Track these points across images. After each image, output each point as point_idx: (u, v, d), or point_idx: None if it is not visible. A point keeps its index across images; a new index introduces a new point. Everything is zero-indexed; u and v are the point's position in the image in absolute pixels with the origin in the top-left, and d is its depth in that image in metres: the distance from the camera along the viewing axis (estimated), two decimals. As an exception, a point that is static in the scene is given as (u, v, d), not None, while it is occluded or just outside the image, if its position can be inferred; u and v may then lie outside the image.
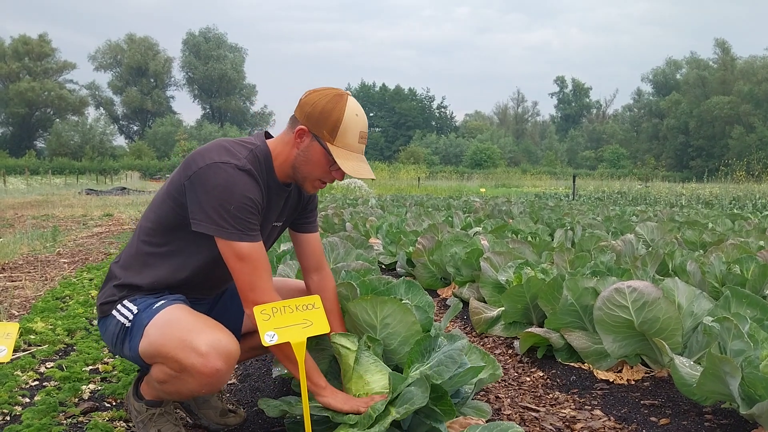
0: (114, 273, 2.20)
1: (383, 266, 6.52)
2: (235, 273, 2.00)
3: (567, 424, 2.53)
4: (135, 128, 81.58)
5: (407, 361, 2.18)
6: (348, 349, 2.13)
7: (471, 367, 2.21)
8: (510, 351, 3.65)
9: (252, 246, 1.99)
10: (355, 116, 2.03)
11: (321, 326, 2.00)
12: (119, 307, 2.10)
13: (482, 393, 2.90)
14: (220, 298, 2.41)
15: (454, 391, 2.25)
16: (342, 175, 2.09)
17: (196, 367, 1.87)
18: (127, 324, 2.05)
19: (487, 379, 2.44)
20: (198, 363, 1.86)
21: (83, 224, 11.52)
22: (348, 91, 2.09)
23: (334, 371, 2.44)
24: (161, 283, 2.13)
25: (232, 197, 1.95)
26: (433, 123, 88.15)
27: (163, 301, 2.05)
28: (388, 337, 2.26)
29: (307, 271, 2.39)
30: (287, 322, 1.95)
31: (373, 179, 2.16)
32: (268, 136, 2.20)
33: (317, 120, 2.02)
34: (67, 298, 4.72)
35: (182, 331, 1.91)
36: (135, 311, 2.05)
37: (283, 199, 2.24)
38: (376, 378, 2.11)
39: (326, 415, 2.07)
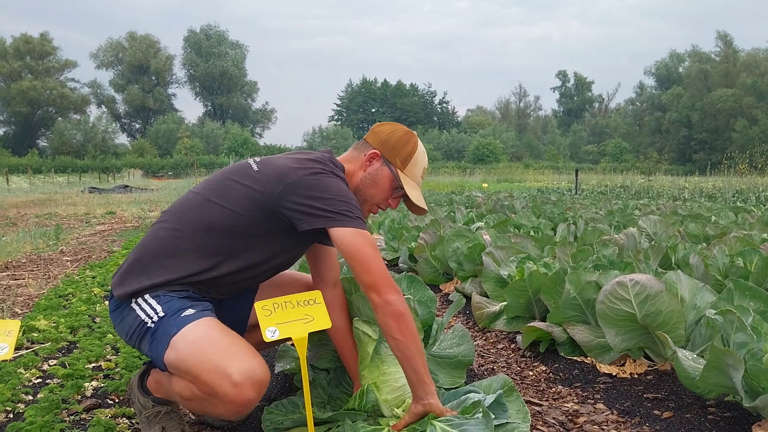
0: (141, 260, 2.10)
1: (386, 262, 6.52)
2: (361, 265, 1.97)
3: (570, 417, 2.53)
4: (137, 126, 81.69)
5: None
6: (369, 336, 2.14)
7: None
8: (512, 345, 3.64)
9: (367, 234, 2.03)
10: (423, 153, 2.28)
11: (322, 321, 1.98)
12: (140, 301, 2.02)
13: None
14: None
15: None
16: (397, 204, 2.27)
17: (228, 396, 1.82)
18: (150, 324, 1.97)
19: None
20: (231, 392, 1.81)
21: (86, 222, 11.54)
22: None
23: (339, 367, 2.44)
24: (200, 276, 2.07)
25: (344, 191, 2.05)
26: (435, 118, 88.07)
27: (191, 310, 1.96)
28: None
29: (326, 284, 2.35)
30: (289, 317, 1.94)
31: (425, 211, 2.28)
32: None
33: (392, 147, 2.21)
34: (70, 296, 4.72)
35: (215, 354, 1.84)
36: (160, 313, 1.97)
37: None
38: (392, 370, 2.12)
39: (327, 417, 2.08)
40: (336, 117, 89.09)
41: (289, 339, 1.97)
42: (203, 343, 1.87)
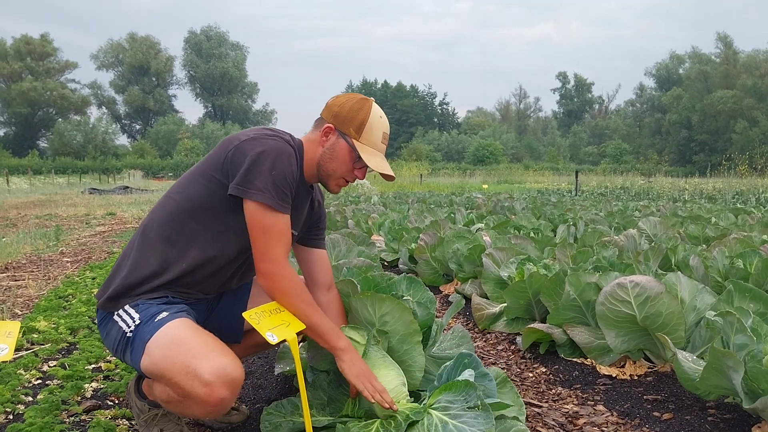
0: (120, 265, 2.15)
1: (385, 263, 6.52)
2: (255, 241, 2.01)
3: (570, 419, 2.53)
4: (137, 127, 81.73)
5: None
6: (357, 342, 2.14)
7: None
8: (512, 347, 3.64)
9: (281, 217, 2.01)
10: (379, 117, 2.19)
11: (296, 324, 2.03)
12: (120, 312, 2.04)
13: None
14: (221, 298, 2.37)
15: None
16: (363, 174, 2.19)
17: (200, 396, 1.81)
18: (128, 333, 1.98)
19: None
20: (202, 392, 1.80)
21: (86, 223, 11.54)
22: (372, 99, 2.22)
23: (344, 381, 2.44)
24: (171, 270, 2.08)
25: (277, 164, 1.99)
26: (435, 120, 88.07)
27: (165, 313, 1.97)
28: (387, 335, 2.25)
29: (320, 288, 2.35)
30: (275, 323, 1.99)
31: (392, 177, 2.23)
32: None
33: (345, 118, 2.16)
34: (70, 297, 4.72)
35: (186, 355, 1.83)
36: (137, 320, 1.98)
37: (305, 204, 2.28)
38: (383, 373, 2.10)
39: (323, 425, 2.09)
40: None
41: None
42: (174, 346, 1.87)
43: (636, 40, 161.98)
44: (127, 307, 2.05)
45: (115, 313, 2.06)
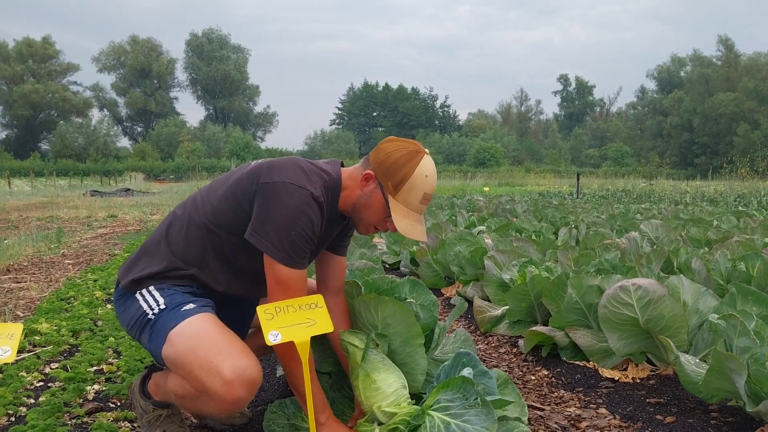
0: (148, 249, 2.16)
1: (387, 265, 6.52)
2: (271, 291, 2.00)
3: (572, 422, 2.52)
4: (139, 129, 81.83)
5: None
6: (356, 346, 2.12)
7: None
8: (514, 350, 3.64)
9: (296, 273, 1.99)
10: (424, 177, 2.05)
11: (324, 325, 1.98)
12: (144, 292, 2.06)
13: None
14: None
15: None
16: (394, 229, 2.09)
17: (218, 393, 1.83)
18: (150, 315, 2.00)
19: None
20: (221, 390, 1.82)
21: (88, 225, 11.55)
22: (426, 150, 2.10)
23: (341, 371, 2.44)
24: (199, 270, 2.10)
25: (298, 225, 1.94)
26: (437, 122, 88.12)
27: (191, 305, 1.99)
28: (389, 337, 2.25)
29: (329, 291, 2.34)
30: (291, 321, 1.93)
31: (424, 242, 2.18)
32: (342, 165, 2.22)
33: (387, 170, 2.04)
34: (72, 299, 4.72)
35: (209, 351, 1.86)
36: (162, 305, 2.00)
37: (337, 229, 2.25)
38: (383, 377, 2.09)
39: None
40: (337, 121, 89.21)
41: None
42: (199, 339, 1.89)
43: (637, 43, 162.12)
44: (151, 288, 2.06)
45: (138, 291, 2.08)
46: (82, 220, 12.93)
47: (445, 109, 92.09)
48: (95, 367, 3.09)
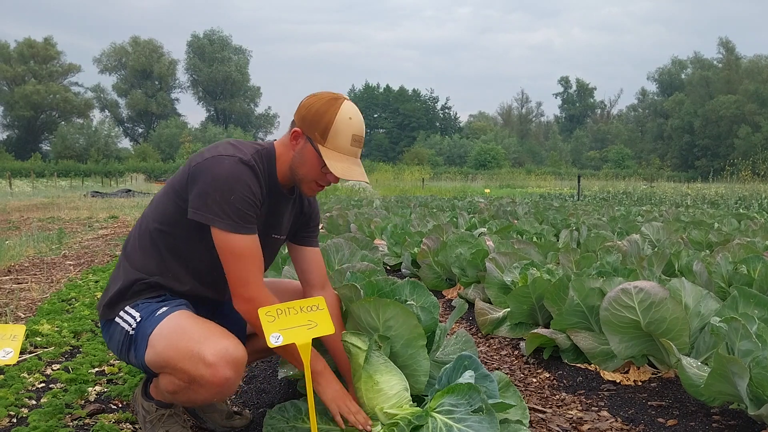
0: (114, 276, 2.20)
1: (388, 267, 6.52)
2: (228, 266, 2.01)
3: (574, 425, 2.52)
4: (140, 130, 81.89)
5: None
6: (358, 348, 2.12)
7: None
8: (516, 352, 3.63)
9: (248, 239, 2.00)
10: (348, 119, 2.05)
11: (326, 327, 2.00)
12: (122, 314, 2.10)
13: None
14: (222, 301, 2.38)
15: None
16: (336, 178, 2.09)
17: (205, 378, 1.86)
18: (131, 331, 2.04)
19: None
20: (207, 374, 1.86)
21: (89, 226, 11.55)
22: (346, 96, 2.10)
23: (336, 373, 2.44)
24: (160, 275, 2.12)
25: (234, 188, 1.97)
26: (437, 124, 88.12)
27: (165, 308, 2.03)
28: (391, 340, 2.25)
29: (312, 287, 2.36)
30: (292, 323, 1.95)
31: (367, 183, 2.18)
32: None
33: (310, 122, 2.06)
34: (73, 300, 4.72)
35: (189, 341, 1.89)
36: (138, 318, 2.04)
37: (286, 208, 2.25)
38: (385, 378, 2.09)
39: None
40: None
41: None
42: (176, 334, 1.93)
43: (638, 46, 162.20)
44: (127, 308, 2.10)
45: (116, 316, 2.11)
46: (83, 221, 12.94)
47: (446, 110, 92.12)
48: (97, 369, 3.09)
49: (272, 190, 2.15)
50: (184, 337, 1.91)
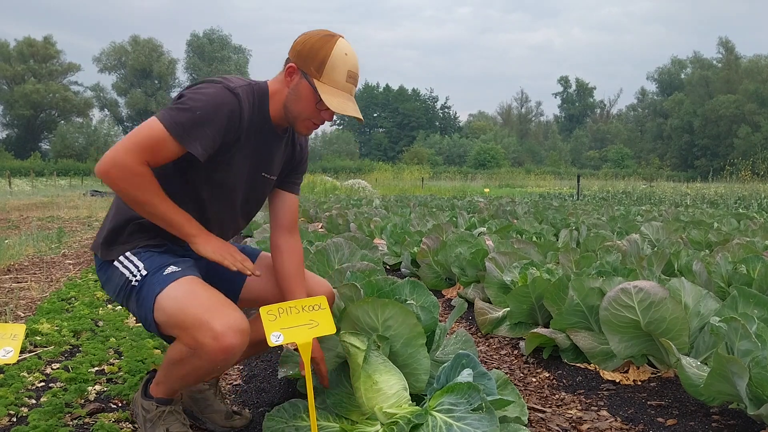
0: (111, 211, 2.20)
1: (388, 267, 6.52)
2: (128, 137, 1.96)
3: (573, 424, 2.52)
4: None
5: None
6: (357, 348, 2.12)
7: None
8: (515, 351, 3.64)
9: (167, 134, 1.92)
10: (343, 55, 2.06)
11: (327, 327, 2.00)
12: (122, 259, 2.11)
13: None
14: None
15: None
16: (330, 115, 2.10)
17: (211, 346, 1.89)
18: (134, 282, 2.05)
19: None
20: (213, 342, 1.88)
21: (88, 225, 11.55)
22: (342, 35, 2.10)
23: (338, 369, 2.44)
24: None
25: (207, 108, 1.96)
26: (437, 123, 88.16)
27: (173, 267, 2.04)
28: (390, 339, 2.25)
29: (280, 229, 2.37)
30: (293, 322, 1.95)
31: (360, 120, 2.16)
32: None
33: (306, 57, 2.05)
34: (73, 299, 4.72)
35: (199, 308, 1.91)
36: (143, 271, 2.05)
37: (278, 148, 2.25)
38: (384, 378, 2.10)
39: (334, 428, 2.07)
40: (338, 121, 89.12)
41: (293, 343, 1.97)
42: (186, 300, 1.94)
43: (637, 45, 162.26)
44: (128, 254, 2.11)
45: (115, 260, 2.12)
46: (83, 220, 12.94)
47: (446, 110, 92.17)
48: (96, 368, 3.09)
49: (263, 128, 2.15)
50: (195, 302, 1.93)
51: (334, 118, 2.27)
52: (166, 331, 2.02)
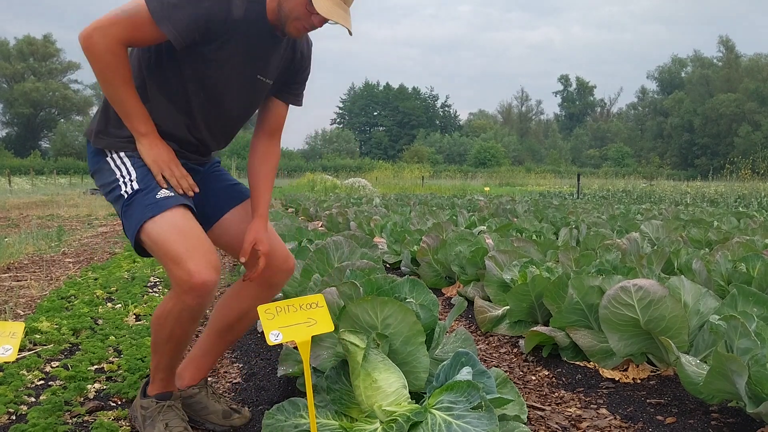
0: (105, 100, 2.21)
1: (387, 265, 6.52)
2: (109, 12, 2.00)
3: (573, 423, 2.53)
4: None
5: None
6: (356, 346, 2.12)
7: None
8: (515, 350, 3.64)
9: (147, 15, 1.95)
10: None
11: (325, 325, 2.01)
12: (114, 157, 2.13)
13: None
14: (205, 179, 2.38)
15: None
16: (320, 21, 2.07)
17: (187, 281, 1.94)
18: (123, 192, 2.06)
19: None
20: (187, 277, 1.93)
21: (88, 224, 11.55)
22: None
23: (338, 365, 2.44)
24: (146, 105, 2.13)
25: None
26: (437, 122, 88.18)
27: (165, 192, 2.05)
28: (390, 337, 2.25)
29: (262, 133, 2.39)
30: (292, 321, 1.96)
31: (350, 32, 2.12)
32: None
33: None
34: (72, 297, 4.72)
35: (180, 247, 1.95)
36: (135, 184, 2.06)
37: (275, 50, 2.23)
38: (383, 376, 2.10)
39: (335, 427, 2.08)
40: (338, 120, 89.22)
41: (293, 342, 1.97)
42: (172, 234, 1.97)
43: (638, 44, 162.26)
44: (121, 154, 2.13)
45: (106, 155, 2.15)
46: (83, 218, 12.94)
47: (446, 108, 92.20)
48: (96, 366, 3.09)
49: (260, 27, 2.13)
50: (179, 239, 1.96)
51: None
52: (145, 250, 2.07)
